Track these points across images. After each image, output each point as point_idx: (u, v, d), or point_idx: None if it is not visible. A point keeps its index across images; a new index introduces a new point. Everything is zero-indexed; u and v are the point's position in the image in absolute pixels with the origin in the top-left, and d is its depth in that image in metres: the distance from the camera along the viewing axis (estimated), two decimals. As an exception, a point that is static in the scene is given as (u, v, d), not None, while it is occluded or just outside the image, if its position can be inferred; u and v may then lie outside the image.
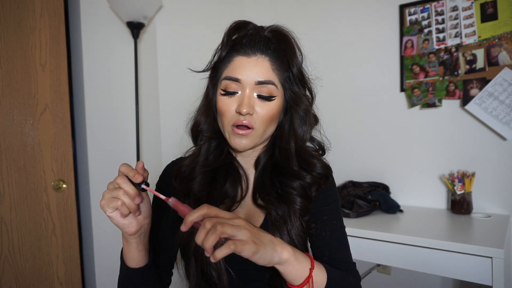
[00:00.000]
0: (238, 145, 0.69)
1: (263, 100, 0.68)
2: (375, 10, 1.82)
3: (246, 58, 0.68)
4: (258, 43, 0.69)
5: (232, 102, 0.68)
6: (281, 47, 0.70)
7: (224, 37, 0.71)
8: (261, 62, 0.68)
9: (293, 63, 0.70)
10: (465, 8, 1.57)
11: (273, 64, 0.69)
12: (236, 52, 0.69)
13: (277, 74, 0.69)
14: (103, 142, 1.76)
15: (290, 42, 0.71)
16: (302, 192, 0.72)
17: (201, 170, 0.73)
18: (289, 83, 0.71)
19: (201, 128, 0.75)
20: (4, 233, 1.45)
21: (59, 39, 1.60)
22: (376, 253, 1.34)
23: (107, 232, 1.76)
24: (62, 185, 1.61)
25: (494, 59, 1.51)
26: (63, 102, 1.62)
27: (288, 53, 0.70)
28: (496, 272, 1.10)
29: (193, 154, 0.77)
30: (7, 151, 1.47)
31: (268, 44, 0.69)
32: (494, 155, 1.54)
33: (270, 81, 0.68)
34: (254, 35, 0.69)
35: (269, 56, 0.69)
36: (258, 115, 0.68)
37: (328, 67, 1.95)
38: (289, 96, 0.72)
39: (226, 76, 0.69)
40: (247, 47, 0.69)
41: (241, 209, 0.74)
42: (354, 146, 1.89)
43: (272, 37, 0.70)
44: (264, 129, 0.69)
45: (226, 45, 0.70)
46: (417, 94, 1.69)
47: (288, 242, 0.67)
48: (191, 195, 0.72)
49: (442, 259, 1.20)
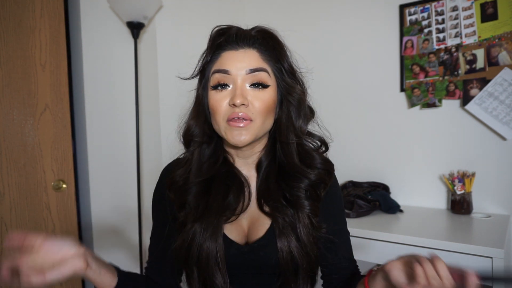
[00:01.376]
0: (237, 139, 0.64)
1: (257, 89, 0.65)
2: (375, 10, 1.81)
3: (234, 51, 0.66)
4: (245, 39, 0.67)
5: (224, 97, 0.65)
6: (268, 43, 0.69)
7: (208, 43, 0.69)
8: (250, 53, 0.66)
9: (282, 58, 0.69)
10: (465, 8, 1.57)
11: (262, 55, 0.67)
12: (222, 49, 0.68)
13: (268, 64, 0.67)
14: (103, 142, 1.76)
15: (277, 39, 0.70)
16: (312, 193, 0.70)
17: (195, 180, 0.70)
18: (281, 74, 0.69)
19: (192, 132, 0.71)
20: (4, 233, 1.45)
21: (59, 39, 1.60)
22: (376, 253, 1.34)
23: (107, 232, 1.76)
24: (62, 185, 1.61)
25: (494, 59, 1.51)
26: (63, 102, 1.62)
27: (276, 48, 0.69)
28: (496, 272, 1.10)
29: (186, 162, 0.73)
30: (7, 151, 1.47)
31: (255, 40, 0.68)
32: (494, 155, 1.54)
33: (261, 68, 0.66)
34: (240, 33, 0.68)
35: (257, 48, 0.67)
36: (254, 106, 0.65)
37: (328, 67, 1.95)
38: (283, 87, 0.70)
39: (215, 70, 0.66)
40: (233, 42, 0.67)
41: (244, 214, 0.71)
42: (354, 146, 1.89)
43: (258, 36, 0.68)
44: (263, 121, 0.66)
45: (211, 48, 0.69)
46: (417, 94, 1.69)
47: (296, 246, 0.66)
48: (186, 207, 0.70)
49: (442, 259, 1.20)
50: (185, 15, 1.95)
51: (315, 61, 1.87)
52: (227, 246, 0.67)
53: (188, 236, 0.67)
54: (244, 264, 0.68)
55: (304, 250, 0.67)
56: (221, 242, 0.66)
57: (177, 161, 0.77)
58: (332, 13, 1.95)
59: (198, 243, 0.66)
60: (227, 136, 0.65)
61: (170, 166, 0.79)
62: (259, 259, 0.68)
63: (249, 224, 0.71)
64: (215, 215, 0.67)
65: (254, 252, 0.68)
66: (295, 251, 0.66)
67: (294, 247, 0.66)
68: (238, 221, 0.70)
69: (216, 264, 0.65)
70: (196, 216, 0.68)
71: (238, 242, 0.69)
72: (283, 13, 2.10)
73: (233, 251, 0.68)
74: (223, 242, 0.67)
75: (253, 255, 0.68)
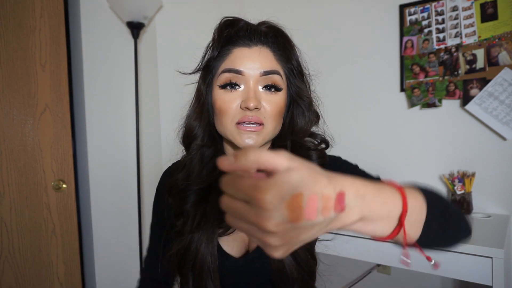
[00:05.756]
0: (247, 143, 0.60)
1: (269, 92, 0.61)
2: (375, 10, 1.81)
3: (247, 48, 0.61)
4: (257, 35, 0.62)
5: (234, 98, 0.60)
6: (279, 41, 0.65)
7: (214, 34, 0.64)
8: (265, 52, 0.62)
9: (292, 57, 0.66)
10: (465, 8, 1.57)
11: (275, 55, 0.63)
12: (233, 45, 0.63)
13: (281, 65, 0.64)
14: (103, 142, 1.76)
15: (287, 37, 0.66)
16: None
17: (194, 188, 0.66)
18: (293, 76, 0.66)
19: (195, 134, 0.66)
20: (4, 233, 1.45)
21: (59, 39, 1.60)
22: (376, 253, 1.34)
23: (107, 232, 1.76)
24: (62, 185, 1.61)
25: (494, 59, 1.51)
26: (63, 102, 1.62)
27: (287, 47, 0.65)
28: (496, 272, 1.10)
29: (185, 166, 0.68)
30: (7, 151, 1.47)
31: (267, 37, 0.63)
32: (494, 155, 1.54)
33: (276, 71, 0.62)
34: (251, 28, 0.63)
35: (270, 47, 0.63)
36: (266, 110, 0.61)
37: (328, 67, 1.95)
38: (293, 90, 0.66)
39: (226, 69, 0.61)
40: (246, 38, 0.62)
41: None
42: (354, 146, 1.89)
43: (269, 31, 0.64)
44: (274, 125, 0.62)
45: (218, 41, 0.63)
46: (417, 94, 1.69)
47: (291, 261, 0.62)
48: (184, 215, 0.67)
49: (442, 259, 1.20)
50: (185, 15, 1.95)
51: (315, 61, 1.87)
52: (222, 258, 0.65)
53: (184, 245, 0.65)
54: (238, 276, 0.66)
55: (299, 264, 0.63)
56: (215, 254, 0.64)
57: (177, 164, 0.74)
58: (332, 13, 1.95)
59: (193, 252, 0.64)
60: (236, 139, 0.61)
61: (170, 169, 0.76)
62: (254, 272, 0.65)
63: None
64: (211, 225, 0.64)
65: (249, 265, 0.65)
66: (287, 266, 0.62)
67: (287, 261, 0.62)
68: (237, 231, 0.67)
69: (209, 276, 0.63)
70: (192, 225, 0.65)
71: (234, 255, 0.66)
72: (283, 13, 2.10)
73: (228, 264, 0.65)
74: (218, 254, 0.64)
75: (248, 268, 0.65)
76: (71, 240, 1.65)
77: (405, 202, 0.40)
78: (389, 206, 0.39)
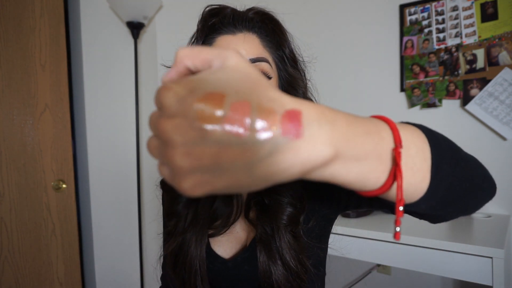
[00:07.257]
0: None
1: None
2: (375, 10, 1.81)
3: (231, 36, 0.58)
4: (243, 21, 0.59)
5: None
6: (267, 27, 0.61)
7: (199, 24, 0.61)
8: (249, 39, 0.58)
9: (283, 43, 0.62)
10: (465, 8, 1.57)
11: (262, 41, 0.60)
12: (217, 33, 0.59)
13: (269, 52, 0.60)
14: (103, 142, 1.76)
15: (277, 22, 0.63)
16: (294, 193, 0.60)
17: None
18: (283, 64, 0.62)
19: None
20: (4, 233, 1.45)
21: (59, 39, 1.60)
22: (376, 253, 1.34)
23: (107, 232, 1.76)
24: (62, 185, 1.61)
25: (495, 59, 1.51)
26: (63, 102, 1.62)
27: (276, 33, 0.62)
28: (496, 272, 1.10)
29: None
30: (7, 151, 1.47)
31: (253, 23, 0.60)
32: (494, 155, 1.54)
33: (263, 58, 0.57)
34: (237, 14, 0.60)
35: (256, 33, 0.59)
36: None
37: (328, 67, 1.95)
38: (284, 78, 0.62)
39: None
40: (230, 25, 0.59)
41: (238, 222, 0.67)
42: (354, 146, 1.89)
43: (255, 17, 0.61)
44: None
45: (202, 31, 0.60)
46: (417, 94, 1.69)
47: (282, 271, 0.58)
48: (176, 215, 0.66)
49: (442, 259, 1.20)
50: (185, 15, 1.95)
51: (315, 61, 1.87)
52: (212, 260, 0.64)
53: (176, 246, 0.64)
54: (227, 278, 0.65)
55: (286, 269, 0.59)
56: (204, 256, 0.63)
57: None
58: (332, 13, 1.95)
59: (185, 253, 0.63)
60: None
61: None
62: (243, 274, 0.63)
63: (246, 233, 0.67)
64: (201, 226, 0.63)
65: (238, 267, 0.63)
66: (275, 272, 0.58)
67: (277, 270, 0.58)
68: (232, 230, 0.66)
69: (198, 278, 0.62)
70: (184, 227, 0.65)
71: (226, 256, 0.65)
72: (282, 13, 2.10)
73: (217, 266, 0.64)
74: (208, 255, 0.64)
75: (237, 270, 0.63)
76: (71, 240, 1.65)
77: (396, 131, 0.31)
78: (374, 138, 0.29)
